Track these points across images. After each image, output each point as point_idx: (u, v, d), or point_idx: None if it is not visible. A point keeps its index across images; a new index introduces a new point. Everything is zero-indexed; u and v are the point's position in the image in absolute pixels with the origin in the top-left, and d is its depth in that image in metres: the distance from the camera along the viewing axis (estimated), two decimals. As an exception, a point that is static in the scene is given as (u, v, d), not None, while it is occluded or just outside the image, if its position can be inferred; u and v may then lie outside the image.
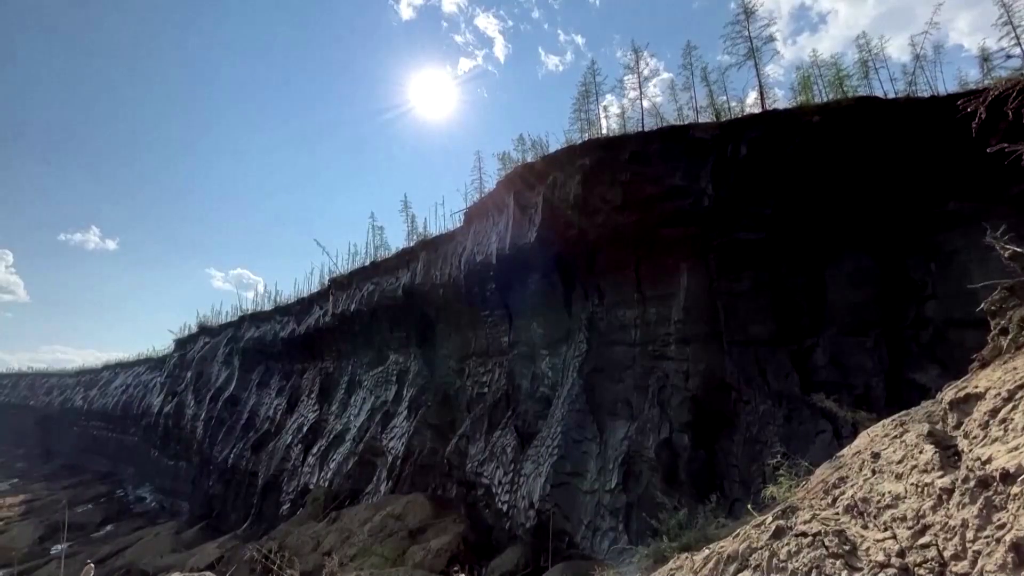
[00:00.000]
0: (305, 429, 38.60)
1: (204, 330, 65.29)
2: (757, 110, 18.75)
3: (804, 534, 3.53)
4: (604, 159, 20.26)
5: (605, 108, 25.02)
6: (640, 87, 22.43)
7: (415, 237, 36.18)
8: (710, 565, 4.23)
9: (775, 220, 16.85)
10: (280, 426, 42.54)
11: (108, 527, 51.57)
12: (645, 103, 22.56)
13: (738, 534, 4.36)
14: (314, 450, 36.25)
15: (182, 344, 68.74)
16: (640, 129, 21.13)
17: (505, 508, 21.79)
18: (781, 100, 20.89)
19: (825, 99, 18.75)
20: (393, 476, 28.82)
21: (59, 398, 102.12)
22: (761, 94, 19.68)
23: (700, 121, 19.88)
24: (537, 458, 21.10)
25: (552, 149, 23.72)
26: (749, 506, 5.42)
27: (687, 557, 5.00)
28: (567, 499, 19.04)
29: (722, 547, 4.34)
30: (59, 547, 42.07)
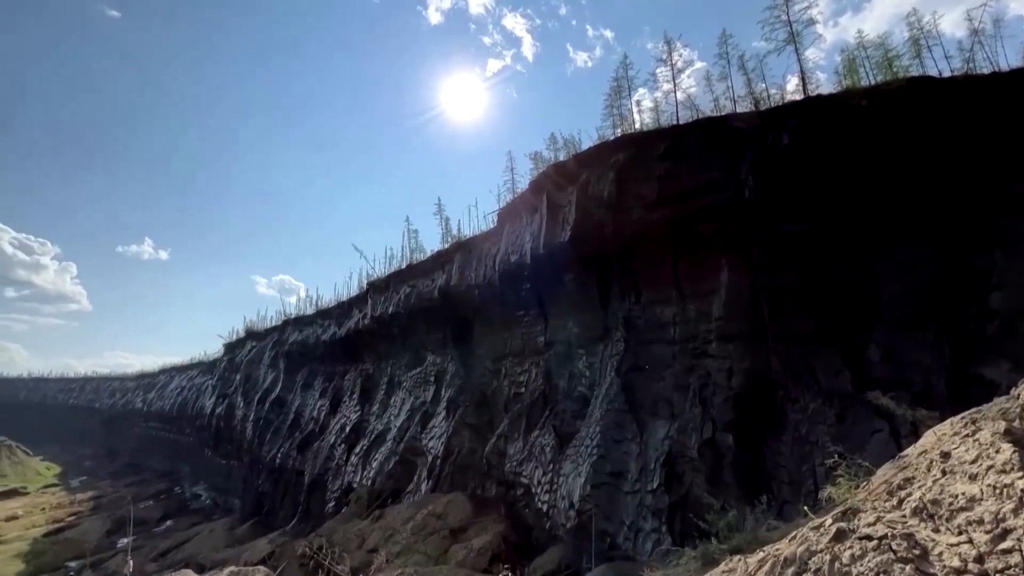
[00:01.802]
0: (347, 429, 39.63)
1: (251, 334, 68.02)
2: (799, 97, 18.03)
3: (868, 537, 3.36)
4: (638, 155, 19.93)
5: (638, 102, 24.66)
6: (674, 79, 21.96)
7: (449, 239, 36.59)
8: (765, 568, 4.08)
9: (821, 211, 16.15)
10: (324, 426, 43.84)
11: (168, 523, 54.47)
12: (679, 95, 22.02)
13: (794, 536, 4.19)
14: (356, 450, 37.17)
15: (231, 348, 71.83)
16: (675, 122, 20.68)
17: (545, 508, 21.75)
18: (825, 85, 20.01)
19: (873, 82, 17.85)
20: (433, 475, 29.22)
21: (121, 400, 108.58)
22: (803, 80, 18.91)
23: (738, 111, 19.27)
24: (576, 458, 20.95)
25: (584, 147, 23.56)
26: (804, 507, 5.21)
27: (739, 560, 4.84)
28: (608, 499, 18.82)
29: (778, 550, 4.18)
30: (125, 541, 44.70)
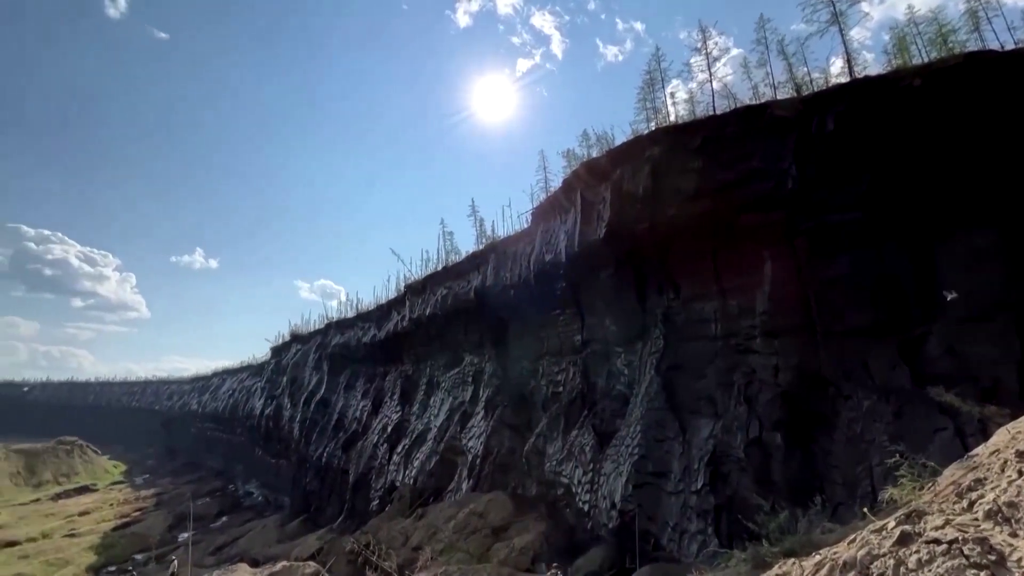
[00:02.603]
0: (389, 429, 40.49)
1: (296, 338, 70.43)
2: (845, 80, 17.18)
3: (937, 541, 3.17)
4: (674, 147, 19.51)
5: (672, 94, 24.08)
6: (709, 68, 21.36)
7: (484, 240, 36.82)
8: (823, 572, 3.91)
9: (871, 198, 15.35)
10: (366, 426, 44.95)
11: (223, 519, 57.09)
12: (716, 84, 21.38)
13: (854, 540, 4.00)
14: (398, 449, 37.93)
15: (277, 351, 74.58)
16: (711, 113, 20.11)
17: (586, 508, 21.58)
18: (872, 66, 18.98)
19: (926, 59, 16.82)
20: (473, 475, 29.48)
21: (178, 403, 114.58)
22: (848, 62, 18.02)
23: (779, 98, 18.56)
24: (617, 457, 20.70)
25: (617, 142, 23.23)
26: (864, 510, 4.96)
27: (794, 563, 4.66)
28: (650, 500, 18.51)
29: (835, 553, 4.01)
30: (185, 535, 47.16)
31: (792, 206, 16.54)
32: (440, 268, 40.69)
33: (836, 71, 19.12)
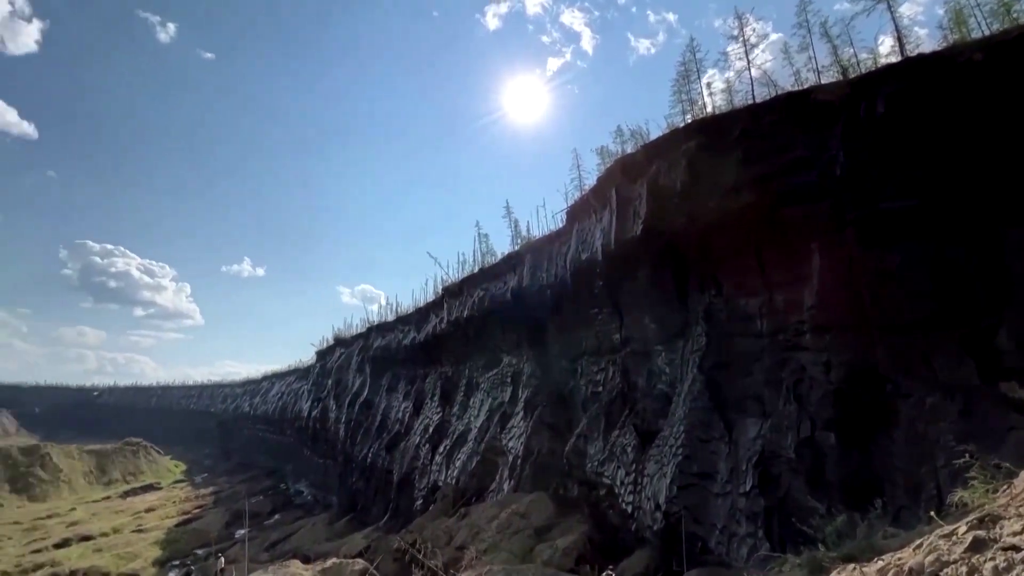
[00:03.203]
0: (431, 430, 41.14)
1: (339, 342, 72.63)
2: (895, 59, 16.27)
3: (1016, 548, 2.95)
4: (711, 139, 18.98)
5: (708, 85, 23.42)
6: (747, 56, 20.65)
7: (519, 241, 36.92)
8: (886, 579, 3.71)
9: (929, 183, 14.44)
10: (409, 427, 45.84)
11: (276, 516, 59.45)
12: (754, 72, 20.63)
13: (920, 545, 3.78)
14: (440, 449, 38.49)
15: (322, 355, 77.09)
16: (751, 102, 19.45)
17: (630, 509, 21.28)
18: (926, 43, 17.86)
19: (987, 32, 15.72)
20: (514, 475, 29.57)
21: (232, 405, 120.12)
22: (899, 39, 17.04)
23: (823, 82, 17.76)
24: (660, 458, 20.30)
25: (653, 137, 22.81)
26: (931, 513, 4.67)
27: (855, 569, 4.44)
28: (696, 501, 18.06)
29: (900, 559, 3.80)
30: (241, 532, 49.36)
31: (841, 195, 15.78)
32: (476, 270, 41.07)
33: (885, 51, 18.13)
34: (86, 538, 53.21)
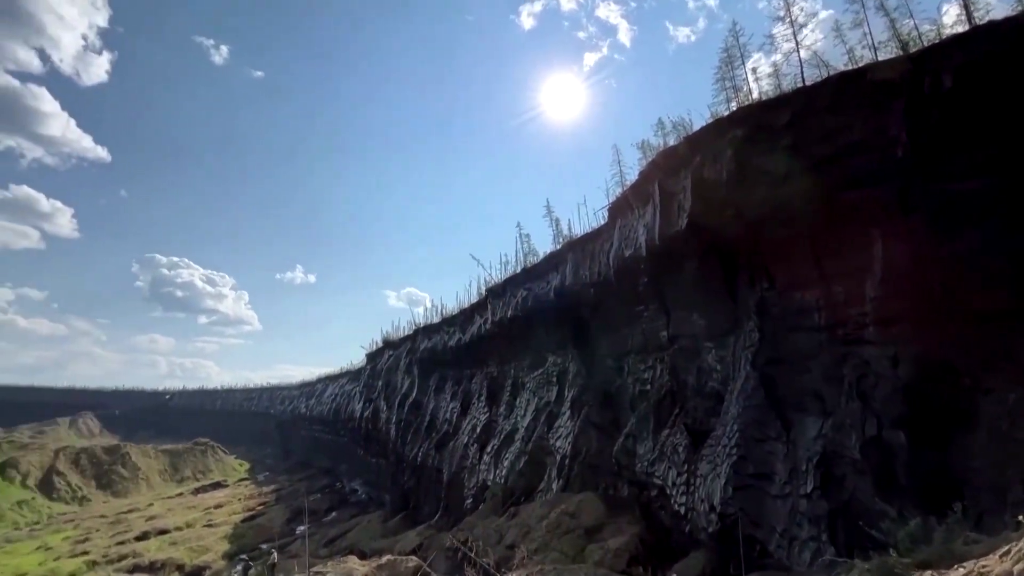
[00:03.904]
0: (478, 430, 41.59)
1: (387, 344, 74.59)
2: (963, 28, 15.08)
3: (1121, 557, 2.69)
4: (759, 127, 18.23)
5: (754, 70, 22.49)
6: (795, 36, 19.68)
7: (561, 240, 36.70)
8: (969, 587, 3.45)
9: (1005, 161, 13.33)
10: (456, 427, 46.51)
11: (333, 513, 61.78)
12: (803, 53, 19.58)
13: (1008, 552, 3.50)
14: (488, 449, 38.84)
15: (372, 357, 79.41)
16: (800, 85, 18.54)
17: (682, 510, 20.76)
18: (996, 9, 16.44)
19: (1069, -8, 14.32)
20: (563, 475, 29.46)
21: (289, 407, 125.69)
22: (966, 7, 15.76)
23: (880, 59, 16.69)
24: (713, 458, 19.69)
25: (696, 127, 22.12)
26: (1021, 518, 4.32)
27: (932, 576, 4.16)
28: (753, 503, 17.39)
29: (985, 567, 3.53)
30: (301, 528, 51.61)
31: (904, 178, 14.80)
32: (519, 270, 41.18)
33: (950, 20, 16.82)
34: (163, 531, 57.19)
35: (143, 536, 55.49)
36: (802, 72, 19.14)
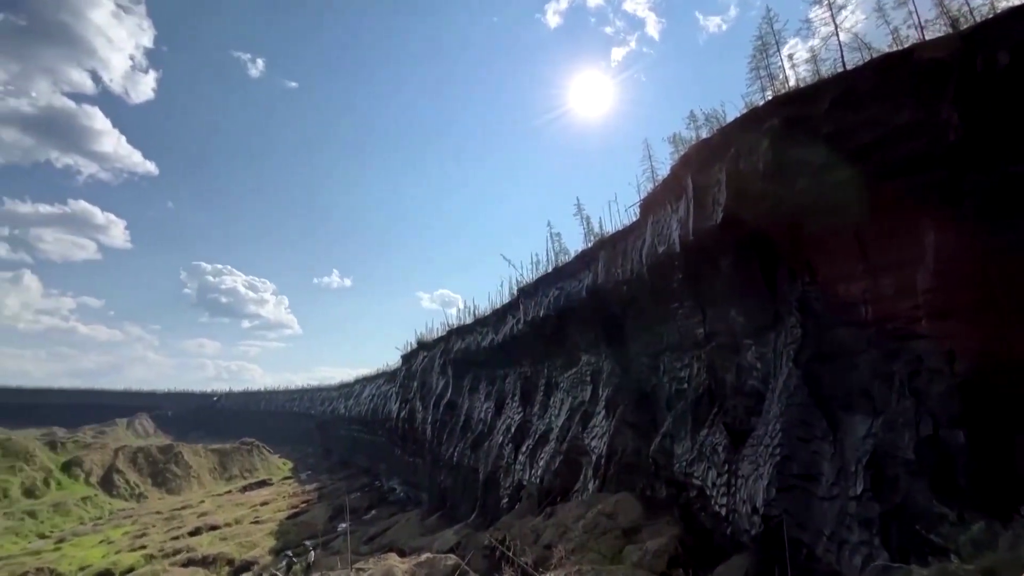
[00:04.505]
0: (513, 429, 41.69)
1: (422, 345, 75.67)
2: (1020, 0, 14.15)
3: None
4: (797, 115, 17.60)
5: (790, 56, 21.77)
6: (834, 19, 18.91)
7: (592, 238, 36.40)
8: (1040, 596, 3.23)
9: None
10: (491, 427, 46.75)
11: (372, 511, 63.06)
12: (843, 36, 18.80)
13: (1083, 559, 3.26)
14: (523, 449, 38.88)
15: (407, 359, 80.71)
16: (840, 69, 17.79)
17: (723, 512, 20.24)
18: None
19: None
20: (599, 475, 29.19)
21: (329, 408, 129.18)
22: (1023, -21, 14.78)
23: (928, 38, 15.85)
24: (755, 458, 19.12)
25: (730, 119, 21.57)
26: (1096, 523, 4.01)
27: (997, 583, 3.92)
28: (798, 505, 16.79)
29: (1057, 574, 3.30)
30: (343, 525, 52.95)
31: (957, 162, 14.01)
32: (550, 269, 41.06)
33: (1005, -7, 15.80)
34: (213, 527, 59.74)
35: (195, 531, 58.14)
36: (842, 56, 18.41)
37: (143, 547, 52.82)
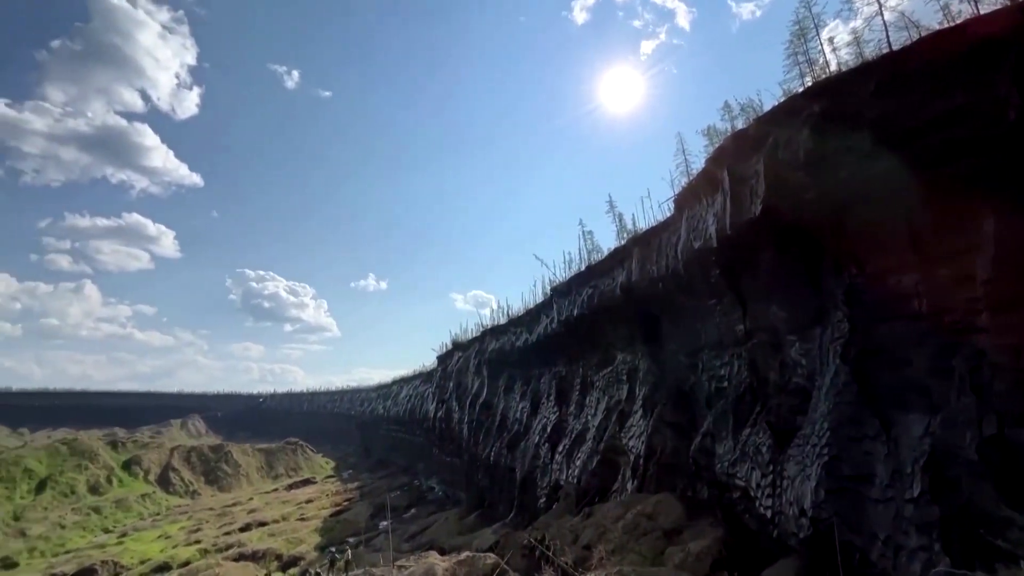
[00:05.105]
0: (549, 429, 41.60)
1: (457, 346, 76.48)
2: (1086, -33, 13.13)
3: None
4: (840, 100, 16.86)
5: (831, 40, 20.91)
6: (878, -1, 18.03)
7: (625, 235, 35.93)
8: (1125, 607, 2.99)
9: None
10: (527, 427, 46.80)
11: (412, 510, 64.15)
12: (888, 15, 17.88)
13: None
14: (559, 448, 38.75)
15: (443, 359, 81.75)
16: (886, 51, 16.95)
17: (768, 514, 19.60)
18: None
19: None
20: (637, 475, 28.79)
21: (368, 408, 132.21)
22: (1090, -58, 13.70)
23: (983, 12, 14.91)
24: (801, 459, 18.44)
25: (767, 107, 20.88)
26: None
27: (1074, 592, 3.65)
28: (850, 507, 16.08)
29: None
30: (384, 523, 54.09)
31: (1016, 143, 13.13)
32: (583, 268, 40.77)
33: (1071, -41, 14.67)
34: (262, 523, 62.15)
35: (246, 527, 60.64)
36: (887, 37, 17.54)
37: (198, 542, 55.52)
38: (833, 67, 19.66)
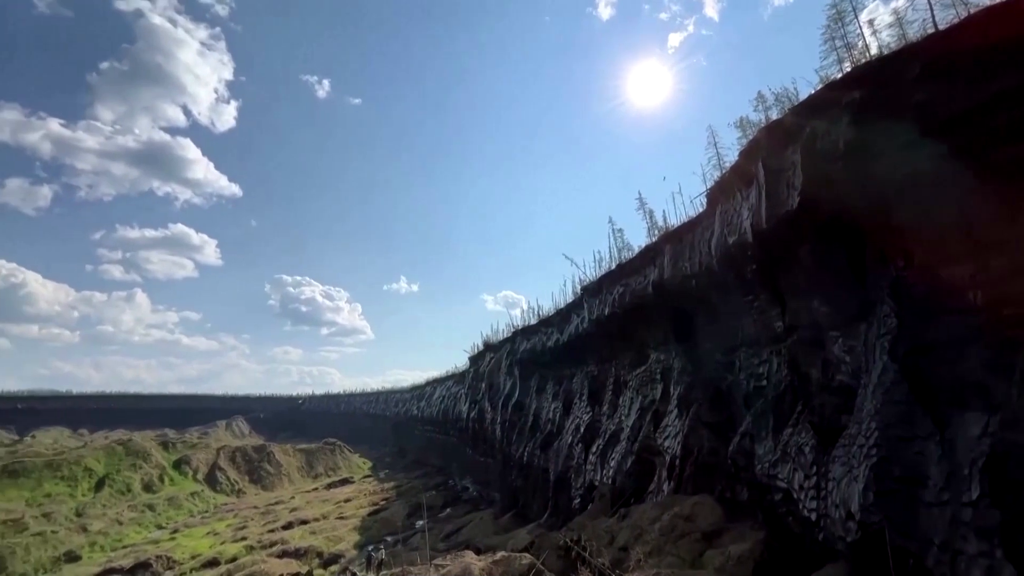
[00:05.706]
0: (582, 429, 41.32)
1: (488, 347, 76.89)
2: None
3: None
4: (882, 85, 16.15)
5: (871, 22, 20.05)
6: (921, -22, 17.17)
7: (656, 232, 35.30)
8: None
9: None
10: (560, 427, 46.61)
11: (447, 510, 64.83)
12: (933, -5, 17.02)
13: None
14: (593, 449, 38.43)
15: (474, 360, 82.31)
16: (931, 31, 16.14)
17: (813, 517, 18.91)
18: None
19: None
20: (674, 476, 28.27)
21: (403, 409, 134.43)
22: None
23: (1038, -15, 13.99)
24: (848, 460, 17.71)
25: (803, 96, 20.19)
26: None
27: None
28: (901, 511, 15.34)
29: None
30: (420, 523, 54.84)
31: (1082, 122, 12.29)
32: (613, 266, 40.28)
33: None
34: (304, 522, 64.02)
35: (288, 525, 62.59)
36: (932, 15, 16.70)
37: (244, 539, 57.67)
38: (874, 51, 18.84)
